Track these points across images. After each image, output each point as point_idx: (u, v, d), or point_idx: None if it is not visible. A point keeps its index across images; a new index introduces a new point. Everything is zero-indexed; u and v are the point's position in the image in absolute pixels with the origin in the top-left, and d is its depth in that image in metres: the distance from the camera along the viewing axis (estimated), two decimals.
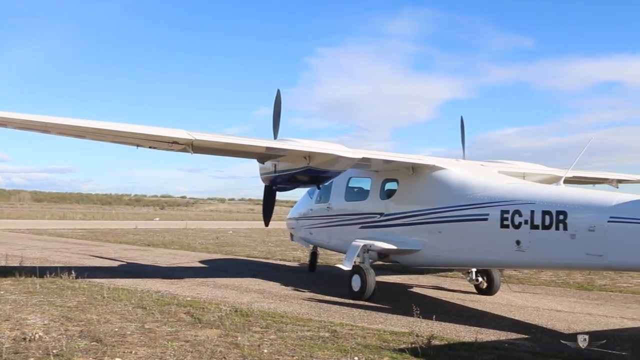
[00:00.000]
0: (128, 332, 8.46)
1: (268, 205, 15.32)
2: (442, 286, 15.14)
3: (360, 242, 12.90)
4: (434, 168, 12.73)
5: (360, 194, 14.50)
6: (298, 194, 17.69)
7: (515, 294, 13.89)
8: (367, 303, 12.00)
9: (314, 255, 17.68)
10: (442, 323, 9.95)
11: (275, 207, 15.72)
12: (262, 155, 12.84)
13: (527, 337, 9.29)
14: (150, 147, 11.92)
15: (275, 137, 13.50)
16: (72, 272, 13.69)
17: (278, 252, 24.27)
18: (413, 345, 7.94)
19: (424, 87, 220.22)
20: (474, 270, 13.67)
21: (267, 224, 15.83)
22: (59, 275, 13.62)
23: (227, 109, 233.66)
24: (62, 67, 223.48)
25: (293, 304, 11.74)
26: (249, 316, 9.90)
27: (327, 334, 8.72)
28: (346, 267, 12.67)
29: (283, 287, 14.10)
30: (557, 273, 17.30)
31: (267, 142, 12.18)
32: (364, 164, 13.07)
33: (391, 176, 13.62)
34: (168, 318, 9.57)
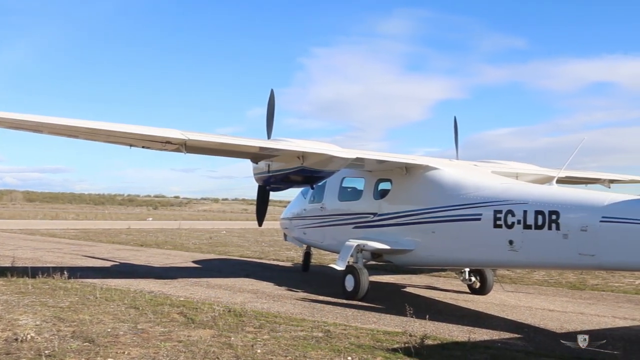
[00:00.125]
0: (121, 333, 8.43)
1: (261, 205, 15.33)
2: (435, 286, 15.17)
3: (354, 242, 12.91)
4: (427, 168, 12.76)
5: (354, 194, 14.50)
6: (292, 194, 17.73)
7: (508, 294, 13.94)
8: (360, 303, 12.00)
9: (307, 255, 17.68)
10: (436, 323, 9.96)
11: (269, 207, 15.76)
12: (256, 155, 12.84)
13: (520, 336, 9.32)
14: (143, 147, 11.89)
15: (269, 137, 13.49)
16: (65, 273, 13.63)
17: (271, 252, 24.25)
18: (406, 345, 7.94)
19: (417, 88, 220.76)
20: (467, 270, 13.71)
21: (260, 224, 15.83)
22: (51, 276, 13.55)
23: (221, 108, 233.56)
24: (55, 66, 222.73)
25: (286, 304, 11.73)
26: (242, 316, 9.89)
27: (320, 334, 8.72)
28: (339, 267, 12.67)
29: (276, 287, 14.09)
30: (550, 273, 17.37)
31: (260, 142, 12.17)
32: (357, 164, 13.09)
33: (385, 176, 13.64)
34: (161, 318, 9.55)
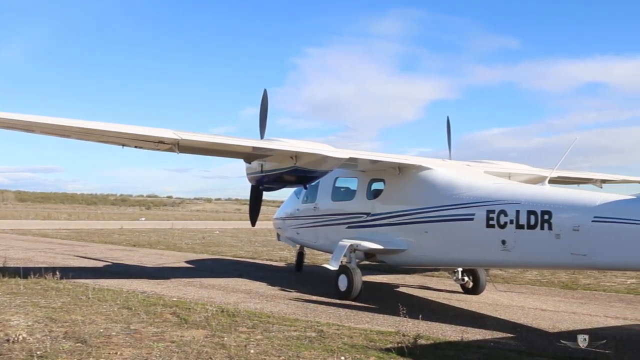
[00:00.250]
0: (113, 333, 8.39)
1: (255, 205, 15.32)
2: (428, 286, 15.21)
3: (347, 242, 12.91)
4: (420, 168, 12.78)
5: (347, 194, 14.50)
6: (285, 194, 17.71)
7: (500, 293, 13.98)
8: (353, 303, 12.01)
9: (300, 255, 17.68)
10: (429, 322, 9.98)
11: (262, 207, 15.75)
12: (249, 155, 12.83)
13: (513, 336, 9.36)
14: (136, 147, 11.85)
15: (262, 137, 13.47)
16: (57, 273, 13.56)
17: (265, 252, 24.23)
18: (399, 344, 7.96)
19: (410, 88, 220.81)
20: (460, 269, 13.74)
21: (253, 224, 15.81)
22: (43, 276, 13.48)
23: (214, 108, 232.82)
24: (47, 65, 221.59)
25: (280, 304, 11.73)
26: (235, 316, 9.87)
27: (313, 334, 8.71)
28: (333, 267, 12.68)
29: (270, 287, 14.08)
30: (542, 272, 17.43)
31: (253, 142, 12.16)
32: (350, 164, 13.11)
33: (378, 176, 13.66)
34: (154, 319, 9.52)
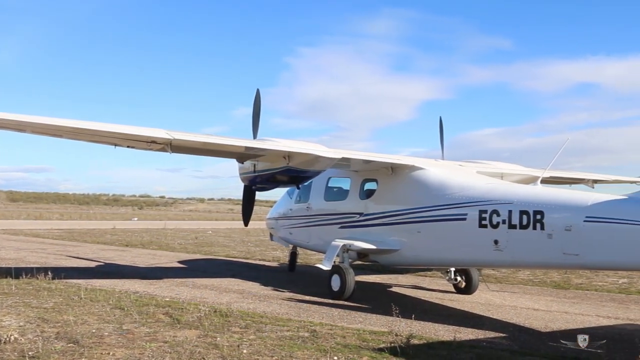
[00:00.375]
0: (106, 334, 8.36)
1: (247, 205, 15.29)
2: (421, 285, 15.23)
3: (340, 242, 12.92)
4: (413, 168, 12.80)
5: (340, 194, 14.50)
6: (278, 193, 17.71)
7: (493, 293, 14.02)
8: (346, 303, 12.02)
9: (293, 255, 17.67)
10: (421, 322, 10.00)
11: (255, 207, 15.73)
12: (242, 155, 12.81)
13: (505, 335, 9.38)
14: (128, 147, 11.82)
15: (255, 136, 13.45)
16: (49, 273, 13.50)
17: (257, 252, 24.20)
18: (392, 344, 7.96)
19: (403, 88, 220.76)
20: (452, 269, 13.77)
21: (246, 224, 15.77)
22: (35, 276, 13.41)
23: (206, 108, 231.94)
24: (38, 64, 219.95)
25: (272, 304, 11.72)
26: (228, 316, 9.86)
27: (306, 334, 8.71)
28: (326, 267, 12.68)
29: (262, 287, 14.07)
30: (535, 272, 17.49)
31: (246, 141, 12.15)
32: (343, 164, 13.11)
33: (370, 176, 13.67)
34: (146, 319, 9.49)
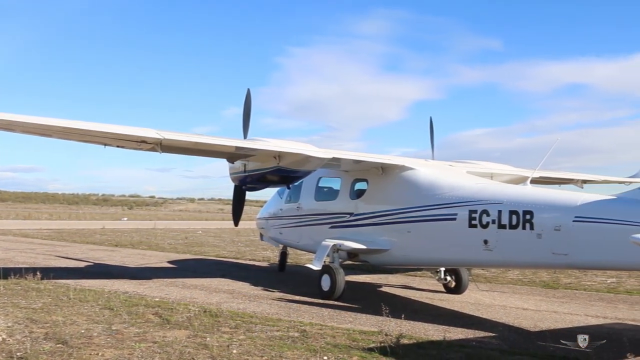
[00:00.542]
0: (95, 334, 8.32)
1: (238, 205, 15.28)
2: (411, 285, 15.27)
3: (330, 242, 12.93)
4: (403, 168, 12.83)
5: (330, 194, 14.51)
6: (268, 193, 17.68)
7: (483, 293, 14.08)
8: (336, 303, 12.03)
9: (283, 255, 17.66)
10: (411, 322, 10.02)
11: (245, 207, 15.71)
12: (232, 155, 12.79)
13: (495, 335, 9.42)
14: (118, 146, 11.79)
15: (245, 136, 13.44)
16: (37, 273, 13.41)
17: (248, 252, 24.16)
18: (382, 344, 7.98)
19: (394, 88, 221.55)
20: (442, 269, 13.82)
21: (236, 223, 15.77)
22: (23, 277, 13.32)
23: (197, 108, 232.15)
24: (27, 64, 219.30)
25: (262, 304, 11.71)
26: (218, 316, 9.84)
27: (296, 334, 8.71)
28: (316, 267, 12.68)
29: (252, 287, 14.05)
30: (524, 272, 17.58)
31: (236, 141, 12.12)
32: (334, 163, 13.12)
33: (361, 176, 13.68)
34: (136, 319, 9.45)
